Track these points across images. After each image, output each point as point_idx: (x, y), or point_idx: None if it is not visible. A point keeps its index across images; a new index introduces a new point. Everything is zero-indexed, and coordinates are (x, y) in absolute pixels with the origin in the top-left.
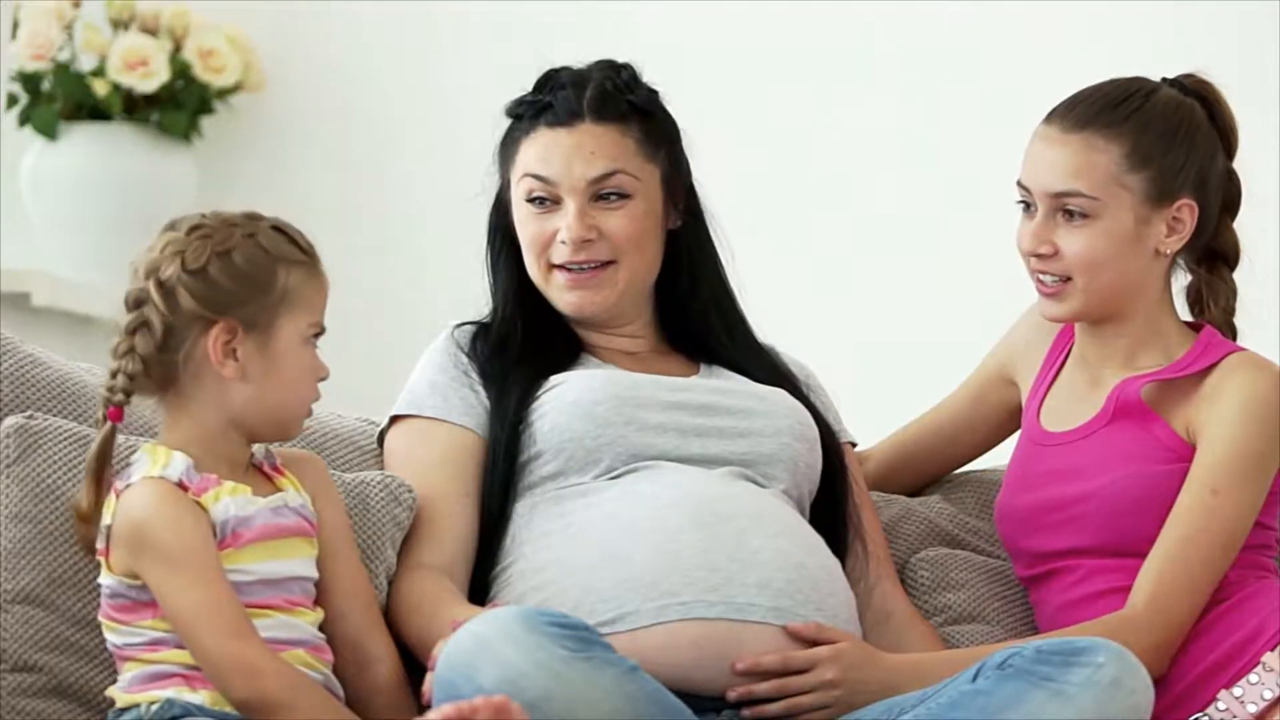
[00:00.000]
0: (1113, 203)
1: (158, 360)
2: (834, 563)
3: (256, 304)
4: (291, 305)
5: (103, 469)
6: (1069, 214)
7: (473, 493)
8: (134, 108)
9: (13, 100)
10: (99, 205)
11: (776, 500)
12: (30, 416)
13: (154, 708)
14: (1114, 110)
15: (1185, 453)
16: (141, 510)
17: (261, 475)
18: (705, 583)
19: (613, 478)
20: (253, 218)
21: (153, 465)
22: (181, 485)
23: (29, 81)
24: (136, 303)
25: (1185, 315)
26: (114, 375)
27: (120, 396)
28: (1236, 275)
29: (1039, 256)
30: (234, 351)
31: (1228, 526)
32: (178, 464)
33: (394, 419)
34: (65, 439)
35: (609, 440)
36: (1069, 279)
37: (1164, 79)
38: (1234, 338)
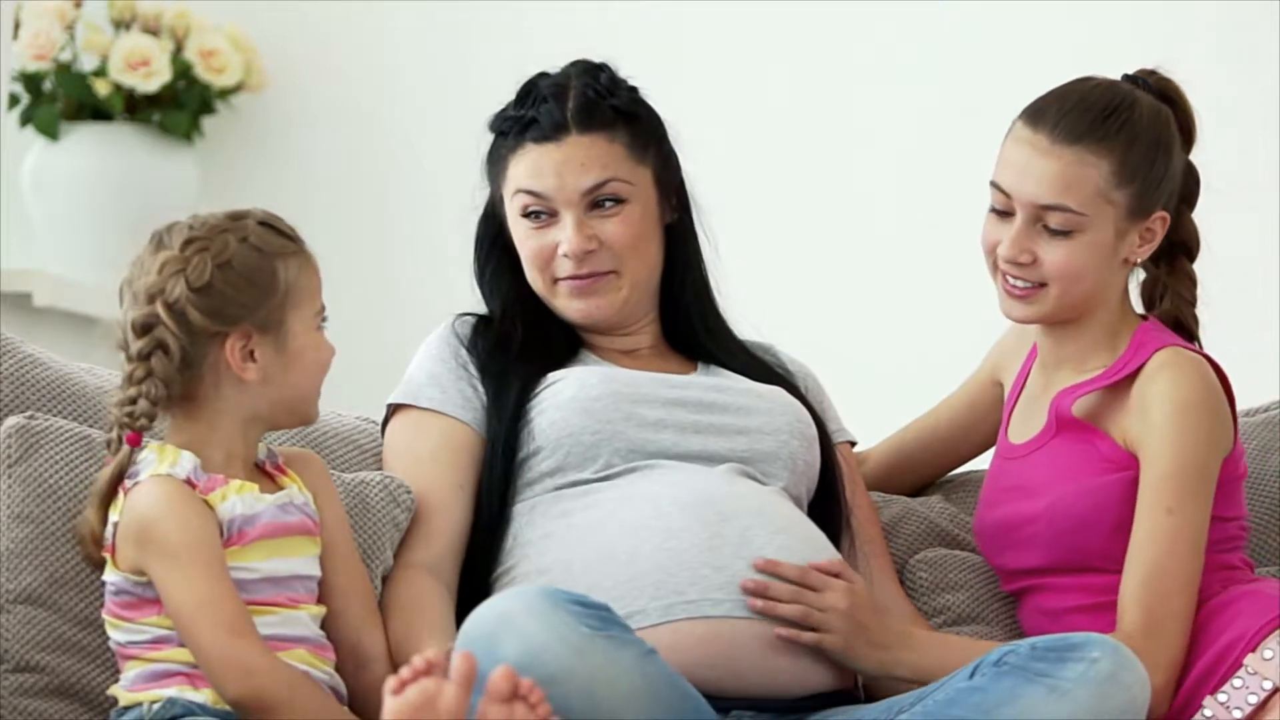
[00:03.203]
0: (1098, 217)
1: (178, 380)
2: (837, 558)
3: (265, 307)
4: (296, 298)
5: (113, 493)
6: (1049, 225)
7: (467, 485)
8: (135, 108)
9: (14, 100)
10: (101, 205)
11: (778, 497)
12: (31, 417)
13: (156, 706)
14: (1103, 124)
15: (1125, 462)
16: (149, 506)
17: (264, 475)
18: (711, 581)
19: (612, 475)
20: (238, 217)
21: (160, 463)
22: (189, 483)
23: (31, 81)
24: (145, 328)
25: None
26: (134, 401)
27: (143, 421)
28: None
29: (1018, 264)
30: (252, 354)
31: (1191, 539)
32: (185, 462)
33: (394, 408)
34: (66, 439)
35: (607, 436)
36: (1044, 285)
37: (1126, 78)
38: (1195, 328)
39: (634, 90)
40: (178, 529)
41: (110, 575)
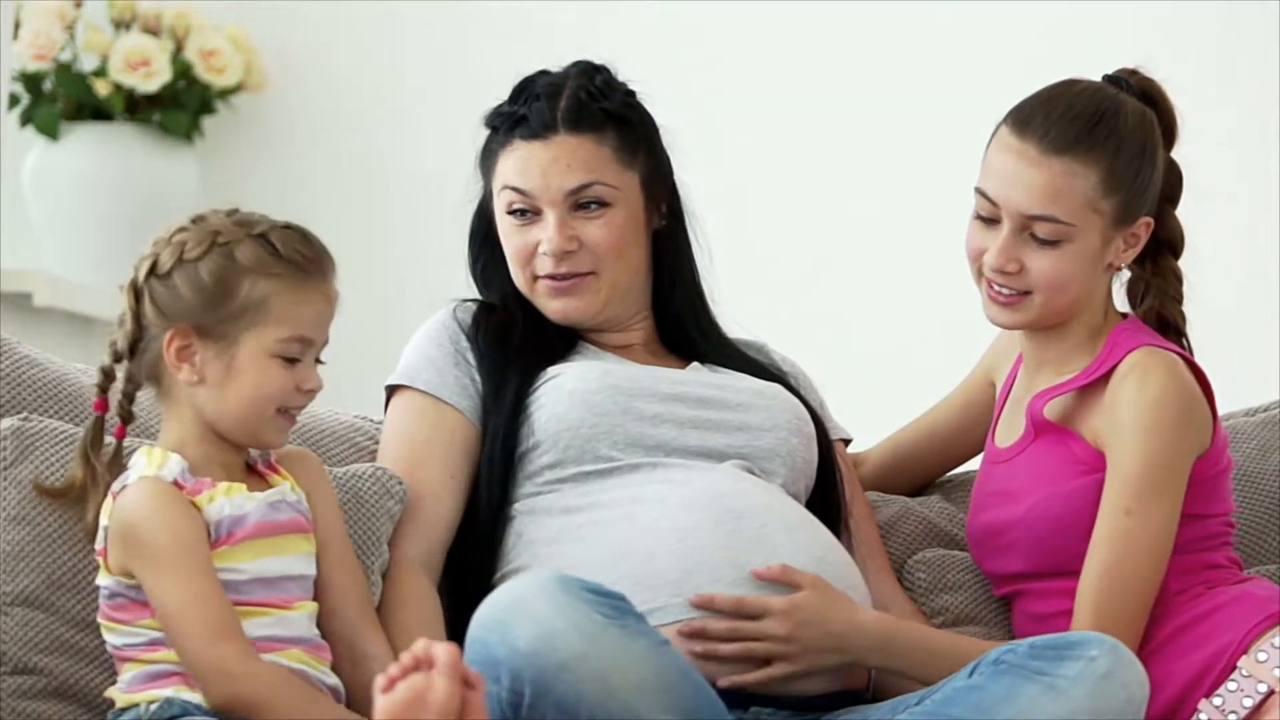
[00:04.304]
0: (1085, 227)
1: (132, 356)
2: (848, 557)
3: (213, 315)
4: (258, 319)
5: (92, 451)
6: (1036, 234)
7: (459, 475)
8: (136, 108)
9: (14, 100)
10: (101, 205)
11: (783, 494)
12: (26, 418)
13: (153, 707)
14: (1091, 133)
15: (1098, 464)
16: (135, 509)
17: (256, 475)
18: (729, 578)
19: (612, 469)
20: (245, 224)
21: (149, 466)
22: (177, 485)
23: (31, 81)
24: (123, 294)
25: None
26: (99, 367)
27: (95, 390)
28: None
29: (1005, 273)
30: (192, 355)
31: (1149, 542)
32: (173, 465)
33: (392, 389)
34: (62, 441)
35: (605, 429)
36: (1029, 292)
37: (1108, 78)
38: (1182, 325)
39: (630, 94)
40: (162, 530)
41: (103, 579)
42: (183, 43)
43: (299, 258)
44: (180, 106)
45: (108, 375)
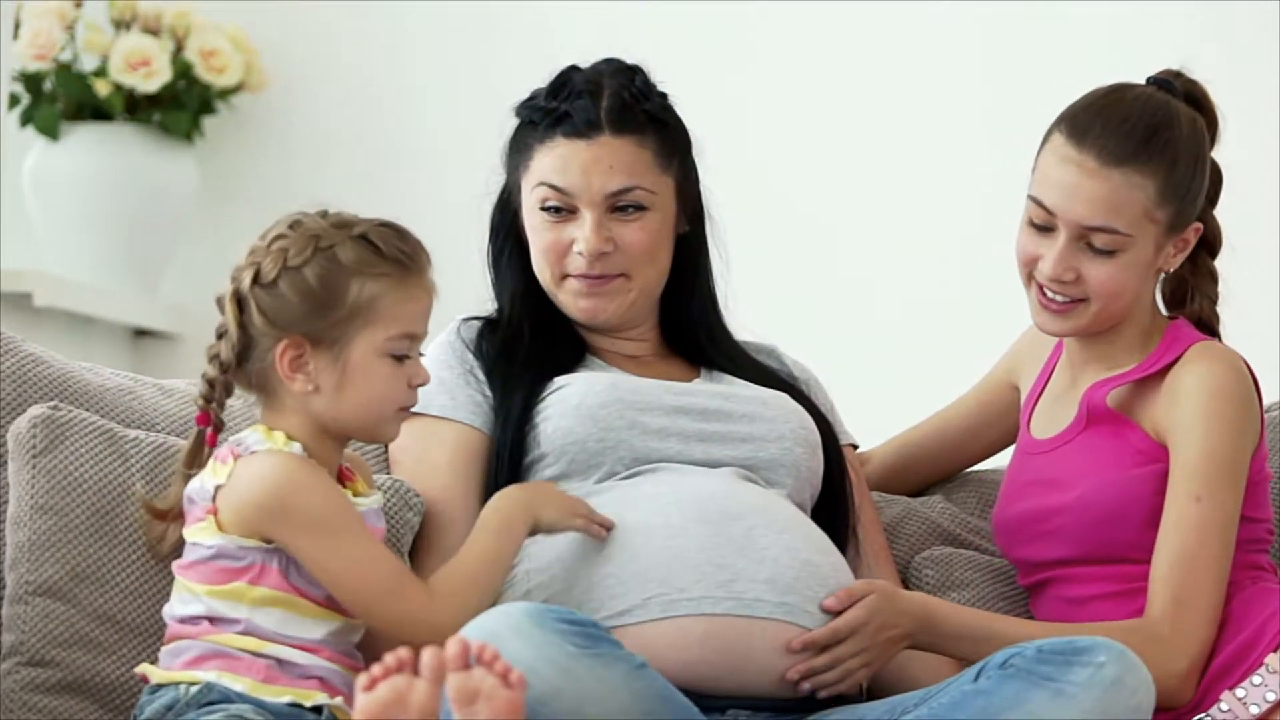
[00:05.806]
0: (1141, 236)
1: (239, 368)
2: (841, 560)
3: (324, 320)
4: (367, 319)
5: (195, 468)
6: (1093, 244)
7: (479, 493)
8: (136, 108)
9: (15, 100)
10: (101, 205)
11: (781, 499)
12: (55, 407)
13: (193, 690)
14: (1149, 144)
15: (1157, 454)
16: (285, 477)
17: (343, 480)
18: (713, 579)
19: (617, 484)
20: (343, 225)
21: (273, 442)
22: None
23: (31, 81)
24: (220, 307)
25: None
26: (202, 378)
27: (201, 402)
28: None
29: (1061, 281)
30: (305, 365)
31: (1220, 529)
32: (296, 447)
33: None
34: (91, 432)
35: (611, 444)
36: (1083, 300)
37: (1154, 81)
38: (1216, 325)
39: (664, 97)
40: (321, 498)
41: (207, 538)
42: (183, 43)
43: (401, 255)
44: (180, 106)
45: (213, 386)
